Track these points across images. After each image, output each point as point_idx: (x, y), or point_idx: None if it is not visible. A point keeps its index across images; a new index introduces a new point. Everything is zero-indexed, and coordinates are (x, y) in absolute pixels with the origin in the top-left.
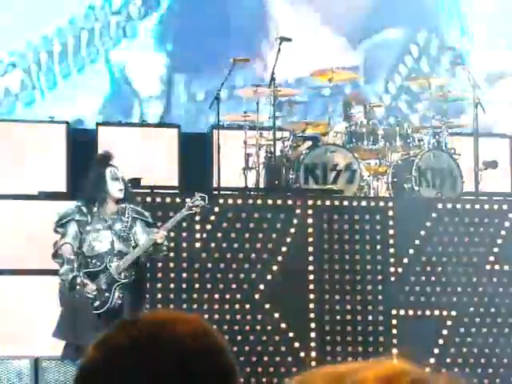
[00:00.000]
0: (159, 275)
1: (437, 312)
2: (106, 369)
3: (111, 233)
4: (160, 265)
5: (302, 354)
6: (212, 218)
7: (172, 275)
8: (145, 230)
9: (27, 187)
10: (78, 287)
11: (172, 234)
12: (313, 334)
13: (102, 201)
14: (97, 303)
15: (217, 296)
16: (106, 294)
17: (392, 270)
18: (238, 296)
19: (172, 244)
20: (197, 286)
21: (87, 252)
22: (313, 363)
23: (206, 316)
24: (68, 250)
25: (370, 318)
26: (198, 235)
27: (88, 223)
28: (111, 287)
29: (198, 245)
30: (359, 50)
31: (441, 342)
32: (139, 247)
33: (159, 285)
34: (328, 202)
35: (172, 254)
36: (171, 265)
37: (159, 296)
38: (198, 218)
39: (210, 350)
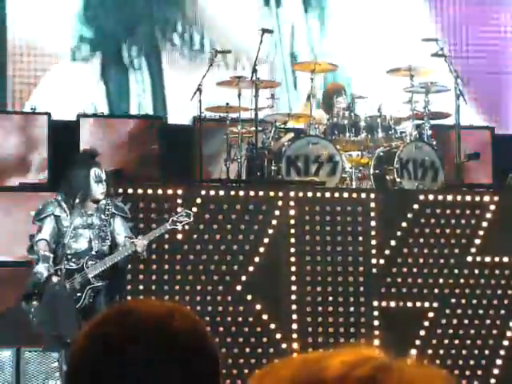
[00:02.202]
0: (141, 266)
1: (418, 304)
2: (99, 359)
3: (89, 231)
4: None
5: (284, 346)
6: (194, 209)
7: (154, 266)
8: (124, 225)
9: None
10: (52, 285)
11: (153, 225)
12: (294, 326)
13: (83, 199)
14: None
15: (199, 287)
16: (78, 294)
17: (374, 261)
18: (220, 287)
19: None
20: (178, 277)
21: (65, 249)
22: (294, 355)
23: (188, 308)
24: (43, 247)
25: (352, 309)
26: (179, 227)
27: (66, 220)
28: (84, 288)
29: (179, 236)
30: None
31: (422, 333)
32: (118, 253)
33: (141, 276)
34: (310, 194)
35: (154, 246)
36: (153, 256)
37: (141, 287)
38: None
39: (206, 343)
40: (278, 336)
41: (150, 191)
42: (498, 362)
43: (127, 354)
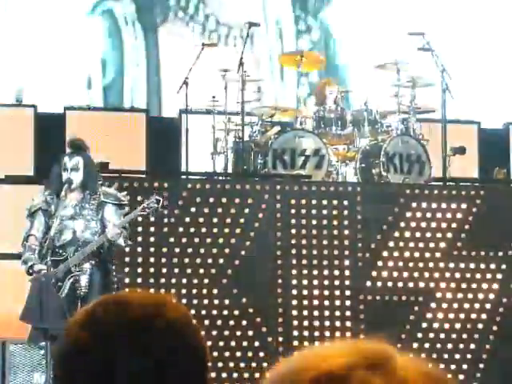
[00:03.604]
0: (127, 259)
1: (404, 297)
2: (95, 349)
3: (73, 222)
4: (128, 249)
5: (269, 339)
6: (180, 202)
7: (139, 260)
8: (116, 213)
9: None
10: (34, 274)
11: (140, 218)
12: (280, 319)
13: (65, 189)
14: None
15: (184, 281)
16: (59, 284)
17: (359, 255)
18: (206, 281)
19: (140, 228)
20: (164, 270)
21: (53, 242)
22: (280, 348)
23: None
24: (32, 241)
25: (338, 303)
26: (165, 220)
27: (52, 213)
28: (65, 278)
29: (165, 229)
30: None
31: (408, 327)
32: (94, 242)
33: (127, 269)
34: (296, 188)
35: (140, 239)
36: (139, 249)
37: (127, 280)
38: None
39: (194, 334)
40: (264, 329)
41: (135, 184)
42: (484, 356)
43: (120, 344)
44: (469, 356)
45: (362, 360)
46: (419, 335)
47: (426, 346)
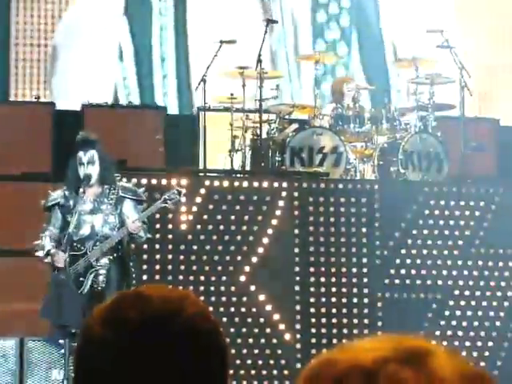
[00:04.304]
0: (145, 257)
1: (422, 295)
2: (118, 345)
3: (92, 217)
4: (146, 246)
5: (287, 337)
6: (198, 200)
7: (158, 257)
8: (135, 208)
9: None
10: (56, 274)
11: (158, 216)
12: (298, 317)
13: (83, 184)
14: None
15: (202, 278)
16: (81, 279)
17: (378, 252)
18: (224, 278)
19: (158, 225)
20: (182, 267)
21: (71, 237)
22: (297, 345)
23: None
24: (49, 235)
25: (355, 300)
26: (183, 217)
27: (71, 208)
28: (86, 272)
29: (183, 227)
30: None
31: (426, 324)
32: (113, 236)
33: (145, 266)
34: (314, 185)
35: (158, 236)
36: (157, 246)
37: (145, 277)
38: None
39: (214, 329)
40: (282, 327)
41: (154, 181)
42: (502, 354)
43: (143, 340)
44: (486, 354)
45: (395, 354)
46: (437, 333)
47: (444, 343)
